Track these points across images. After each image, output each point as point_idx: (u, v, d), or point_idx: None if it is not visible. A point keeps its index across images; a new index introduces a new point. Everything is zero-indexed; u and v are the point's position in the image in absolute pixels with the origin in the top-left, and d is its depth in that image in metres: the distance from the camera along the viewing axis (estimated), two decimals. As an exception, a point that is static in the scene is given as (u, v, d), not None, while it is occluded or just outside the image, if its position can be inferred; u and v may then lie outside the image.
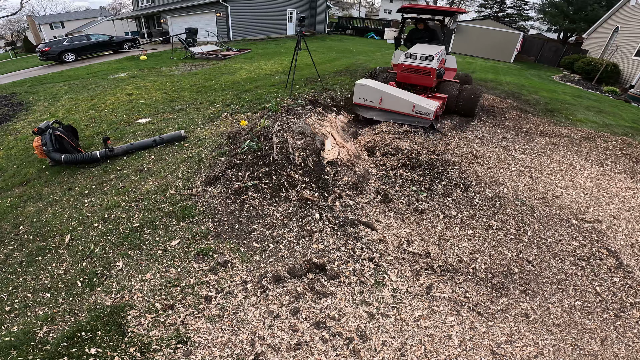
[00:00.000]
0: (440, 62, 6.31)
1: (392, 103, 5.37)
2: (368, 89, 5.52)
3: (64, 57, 14.75)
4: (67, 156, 4.46)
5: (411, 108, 5.17)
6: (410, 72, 6.13)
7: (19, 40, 41.01)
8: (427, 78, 6.00)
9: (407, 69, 6.15)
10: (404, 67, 6.14)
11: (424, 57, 5.94)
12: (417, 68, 6.02)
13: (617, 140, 6.17)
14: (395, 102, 5.33)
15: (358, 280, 2.82)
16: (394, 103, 5.36)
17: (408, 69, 6.13)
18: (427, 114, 5.08)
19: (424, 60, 5.95)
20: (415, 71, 6.07)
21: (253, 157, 4.04)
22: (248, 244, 3.19)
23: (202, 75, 9.76)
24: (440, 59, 6.28)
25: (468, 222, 3.58)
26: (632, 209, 4.04)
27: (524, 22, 33.59)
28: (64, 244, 3.22)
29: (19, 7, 36.09)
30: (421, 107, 5.08)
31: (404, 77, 6.29)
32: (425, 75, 5.98)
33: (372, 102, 5.54)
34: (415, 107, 5.15)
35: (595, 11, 20.37)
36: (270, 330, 2.39)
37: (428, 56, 5.89)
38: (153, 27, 28.52)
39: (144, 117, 6.36)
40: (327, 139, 3.97)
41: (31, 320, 2.46)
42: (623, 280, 2.98)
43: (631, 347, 2.40)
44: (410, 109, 5.16)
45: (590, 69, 14.54)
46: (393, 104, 5.36)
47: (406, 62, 6.12)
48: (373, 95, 5.50)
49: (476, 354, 2.29)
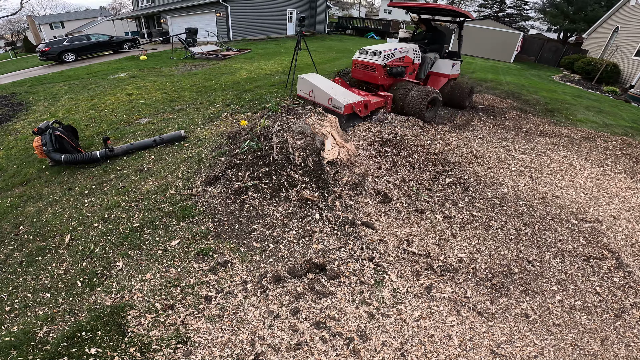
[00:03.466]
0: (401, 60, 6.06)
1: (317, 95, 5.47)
2: (304, 82, 5.60)
3: (64, 57, 14.74)
4: (67, 156, 4.46)
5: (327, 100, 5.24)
6: (360, 67, 6.10)
7: (19, 40, 41.02)
8: (373, 75, 5.90)
9: (357, 64, 6.13)
10: (355, 62, 6.13)
11: (372, 53, 5.87)
12: (365, 64, 5.96)
13: (617, 140, 6.17)
14: (319, 95, 5.41)
15: (358, 280, 2.82)
16: (319, 96, 5.44)
17: (359, 65, 6.10)
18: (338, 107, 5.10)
19: (372, 55, 5.86)
20: (364, 67, 6.01)
21: (253, 157, 4.04)
22: (248, 244, 3.19)
23: (202, 75, 9.76)
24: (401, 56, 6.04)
25: (468, 222, 3.58)
26: (632, 209, 4.04)
27: (524, 22, 33.60)
28: (64, 244, 3.22)
29: (19, 7, 36.10)
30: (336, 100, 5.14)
31: (355, 73, 6.28)
32: (371, 71, 5.89)
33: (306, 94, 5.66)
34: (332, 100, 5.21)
35: (595, 11, 20.38)
36: (270, 330, 2.39)
37: (376, 51, 5.80)
38: (153, 27, 28.51)
39: (144, 117, 6.36)
40: (327, 139, 3.97)
41: (31, 320, 2.46)
42: (623, 280, 2.98)
43: (631, 347, 2.40)
44: (327, 101, 5.24)
45: (590, 69, 14.54)
46: (318, 97, 5.46)
47: (357, 57, 6.09)
48: (307, 88, 5.59)
49: (476, 354, 2.29)
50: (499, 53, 19.69)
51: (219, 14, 19.20)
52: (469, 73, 12.53)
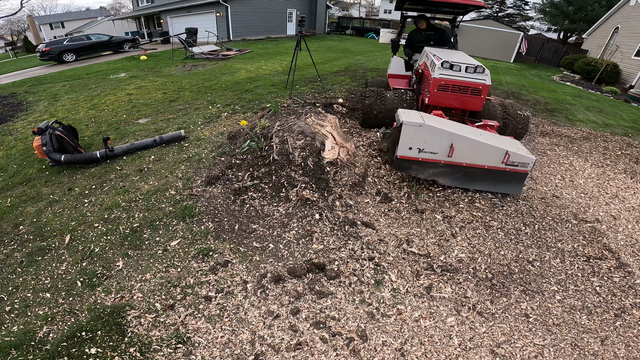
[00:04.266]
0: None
1: (466, 153, 3.48)
2: (428, 132, 3.42)
3: (64, 57, 14.75)
4: (67, 156, 4.46)
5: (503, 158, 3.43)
6: (451, 90, 4.24)
7: (19, 40, 40.98)
8: (476, 101, 4.25)
9: (447, 86, 4.22)
10: (444, 83, 4.20)
11: (474, 69, 4.18)
12: (463, 84, 4.18)
13: (617, 140, 6.17)
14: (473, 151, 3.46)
15: (358, 280, 2.82)
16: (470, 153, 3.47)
17: (449, 86, 4.22)
18: (523, 164, 3.42)
19: (473, 72, 4.17)
20: (459, 89, 4.22)
21: (253, 157, 4.05)
22: (248, 244, 3.19)
23: (202, 75, 9.76)
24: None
25: (468, 222, 3.58)
26: (632, 209, 4.04)
27: (524, 22, 33.60)
28: (64, 244, 3.22)
29: (19, 7, 36.09)
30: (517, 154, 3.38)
31: (441, 98, 4.32)
32: (474, 94, 4.21)
33: (434, 153, 3.53)
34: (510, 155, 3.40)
35: (595, 11, 20.37)
36: (270, 330, 2.39)
37: (477, 67, 4.18)
38: (153, 27, 28.52)
39: (144, 117, 6.36)
40: (327, 139, 3.97)
41: (31, 320, 2.46)
42: (623, 280, 2.98)
43: (631, 347, 2.40)
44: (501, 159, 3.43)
45: (590, 69, 14.53)
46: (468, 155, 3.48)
47: (446, 75, 4.19)
48: (437, 142, 3.47)
49: (476, 354, 2.29)
50: (499, 53, 19.67)
51: (219, 14, 19.20)
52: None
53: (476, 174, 3.65)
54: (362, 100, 5.43)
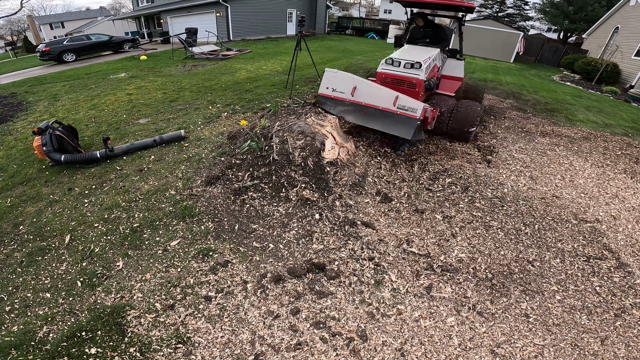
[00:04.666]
0: (433, 69, 5.17)
1: (365, 94, 4.25)
2: (338, 77, 4.44)
3: (63, 57, 14.73)
4: (67, 156, 4.46)
5: (390, 100, 4.08)
6: (391, 82, 4.85)
7: (19, 40, 40.98)
8: (413, 92, 4.68)
9: (386, 79, 4.87)
10: (384, 76, 4.88)
11: (410, 65, 4.70)
12: (400, 78, 4.76)
13: (617, 140, 6.17)
14: (369, 93, 4.23)
15: (358, 280, 2.82)
16: (368, 94, 4.23)
17: (388, 79, 4.86)
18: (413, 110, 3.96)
19: (409, 68, 4.71)
20: (397, 82, 4.80)
21: (253, 157, 4.04)
22: (248, 244, 3.19)
23: (202, 75, 9.76)
24: (432, 65, 5.12)
25: (468, 222, 3.58)
26: (632, 209, 4.04)
27: (524, 22, 33.58)
28: (64, 244, 3.22)
29: (19, 7, 36.09)
30: (407, 101, 4.02)
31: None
32: (409, 87, 4.73)
33: (341, 92, 4.40)
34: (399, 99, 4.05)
35: (595, 11, 20.36)
36: (270, 330, 2.39)
37: (414, 62, 4.67)
38: (153, 27, 28.51)
39: (144, 117, 6.36)
40: (327, 139, 3.97)
41: (31, 320, 2.46)
42: (623, 280, 2.98)
43: (631, 347, 2.40)
44: (392, 102, 4.07)
45: (590, 69, 14.53)
46: (366, 95, 4.24)
47: (386, 70, 4.87)
48: (344, 85, 4.37)
49: (476, 354, 2.29)
50: (499, 53, 19.69)
51: (219, 14, 19.20)
52: (469, 73, 12.52)
53: (374, 114, 4.29)
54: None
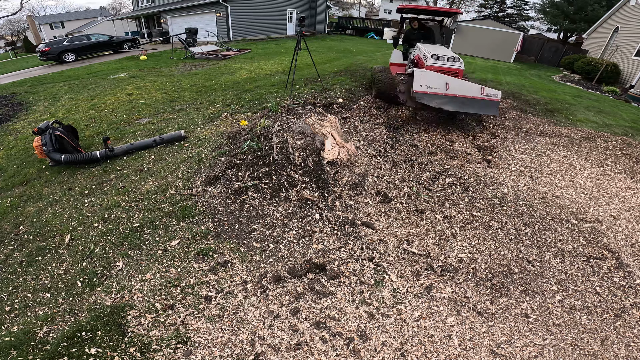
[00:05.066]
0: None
1: (459, 88, 5.28)
2: (430, 76, 5.37)
3: (63, 57, 14.72)
4: (67, 156, 4.46)
5: (479, 91, 5.20)
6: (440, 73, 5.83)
7: (19, 40, 40.96)
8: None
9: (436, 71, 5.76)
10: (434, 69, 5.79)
11: (451, 59, 5.86)
12: (447, 70, 5.84)
13: (617, 140, 6.17)
14: (461, 87, 5.26)
15: (358, 280, 2.82)
16: (461, 88, 5.28)
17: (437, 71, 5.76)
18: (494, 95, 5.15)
19: (452, 61, 5.88)
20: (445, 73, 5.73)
21: (253, 157, 4.04)
22: (248, 244, 3.19)
23: (202, 75, 9.75)
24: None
25: (468, 222, 3.58)
26: (632, 209, 4.04)
27: (524, 22, 33.57)
28: (64, 244, 3.22)
29: (19, 7, 36.09)
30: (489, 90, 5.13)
31: None
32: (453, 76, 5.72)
33: (436, 88, 5.33)
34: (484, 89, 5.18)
35: (595, 11, 20.35)
36: (270, 330, 2.39)
37: (455, 57, 5.86)
38: (153, 27, 28.50)
39: (144, 117, 6.36)
40: (327, 139, 3.97)
41: (31, 320, 2.46)
42: (623, 280, 2.98)
43: (631, 347, 2.40)
44: (479, 91, 5.19)
45: (590, 69, 14.52)
46: (461, 89, 5.26)
47: (436, 64, 5.93)
48: (437, 82, 5.33)
49: (476, 354, 2.29)
50: (499, 53, 19.67)
51: (219, 14, 19.19)
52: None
53: (466, 102, 5.36)
54: (375, 82, 6.94)
